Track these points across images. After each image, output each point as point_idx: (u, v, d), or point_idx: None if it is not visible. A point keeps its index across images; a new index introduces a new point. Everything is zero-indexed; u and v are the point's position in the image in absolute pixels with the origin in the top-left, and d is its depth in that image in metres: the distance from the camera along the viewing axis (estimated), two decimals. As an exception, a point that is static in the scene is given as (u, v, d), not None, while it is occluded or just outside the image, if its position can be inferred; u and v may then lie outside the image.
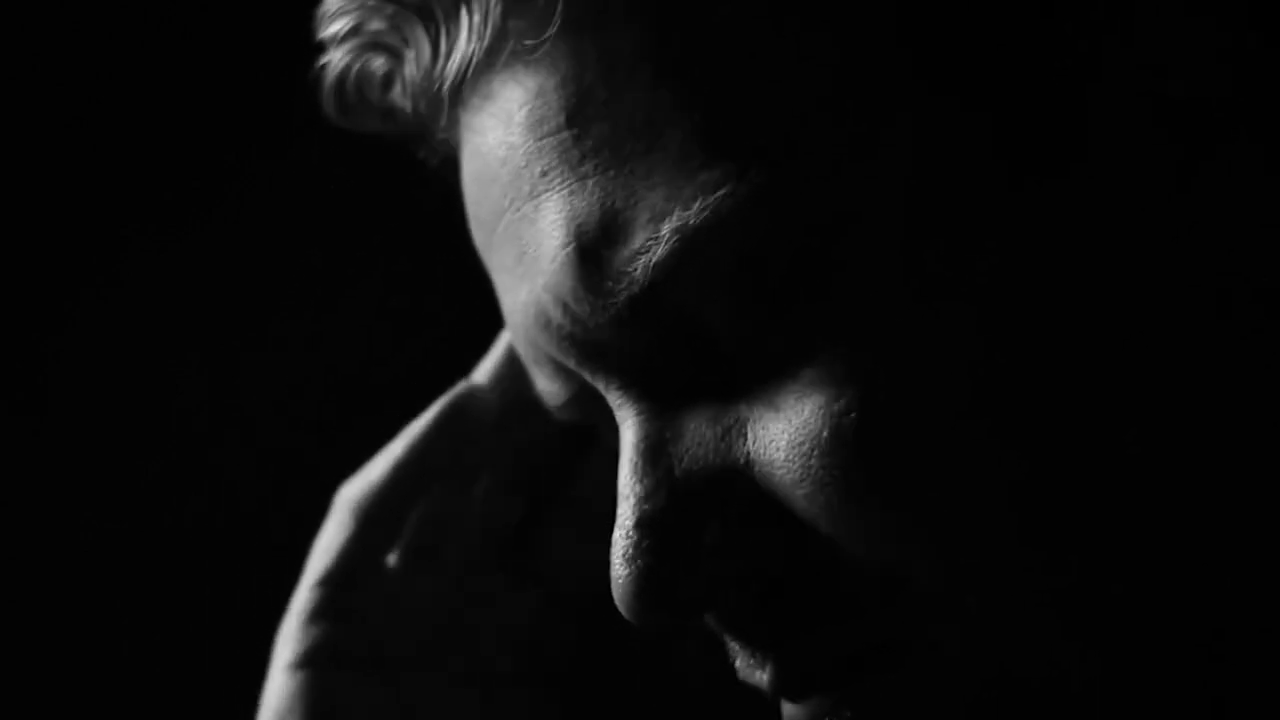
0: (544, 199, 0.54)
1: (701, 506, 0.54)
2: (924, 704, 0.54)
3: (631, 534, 0.54)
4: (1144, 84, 0.52)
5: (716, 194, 0.51)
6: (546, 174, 0.54)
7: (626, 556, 0.54)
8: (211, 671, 0.91)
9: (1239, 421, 0.52)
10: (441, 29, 0.56)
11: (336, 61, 0.59)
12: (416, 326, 0.99)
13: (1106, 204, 0.51)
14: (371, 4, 0.57)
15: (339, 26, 0.59)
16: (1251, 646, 0.54)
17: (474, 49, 0.55)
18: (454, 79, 0.56)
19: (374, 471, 0.69)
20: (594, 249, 0.53)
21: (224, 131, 1.00)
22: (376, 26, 0.58)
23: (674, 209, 0.52)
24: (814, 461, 0.52)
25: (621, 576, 0.54)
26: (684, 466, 0.54)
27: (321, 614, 0.68)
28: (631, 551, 0.54)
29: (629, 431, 0.55)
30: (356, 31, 0.58)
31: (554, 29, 0.53)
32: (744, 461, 0.54)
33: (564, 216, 0.54)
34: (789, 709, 0.56)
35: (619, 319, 0.53)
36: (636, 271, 0.52)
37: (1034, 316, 0.51)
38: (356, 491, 0.69)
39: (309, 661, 0.68)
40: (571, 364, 0.56)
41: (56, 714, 1.02)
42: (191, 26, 0.98)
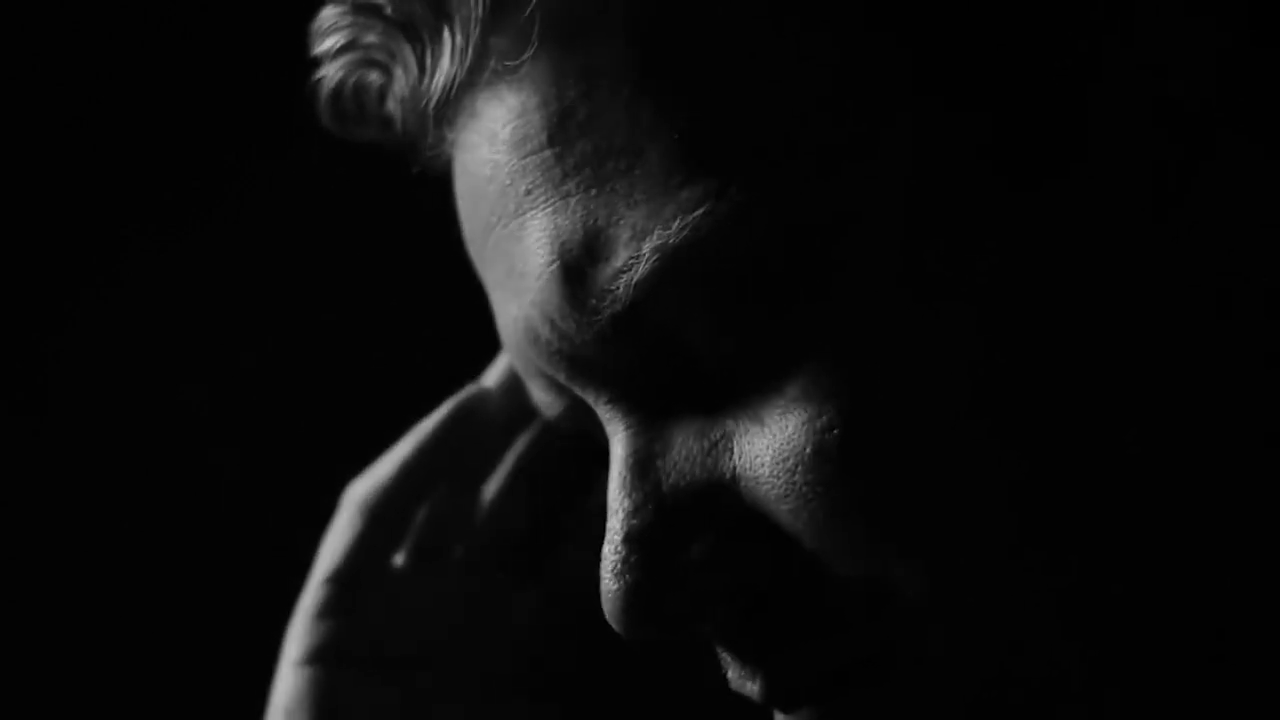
0: (529, 217, 0.54)
1: (689, 521, 0.54)
2: (913, 714, 0.54)
3: (620, 549, 0.54)
4: (1144, 84, 0.52)
5: (696, 212, 0.52)
6: (530, 192, 0.54)
7: (615, 571, 0.54)
8: (217, 669, 0.91)
9: (1239, 421, 0.52)
10: (426, 48, 0.56)
11: (331, 75, 0.60)
12: (421, 326, 0.98)
13: (1106, 204, 0.52)
14: (363, 20, 0.58)
15: (333, 42, 0.59)
16: (1252, 647, 0.54)
17: (457, 68, 0.55)
18: (439, 97, 0.56)
19: (382, 470, 0.69)
20: (578, 267, 0.53)
21: (224, 132, 1.00)
22: (369, 41, 0.58)
23: (654, 227, 0.52)
24: (798, 477, 0.52)
25: (610, 591, 0.54)
26: (671, 481, 0.55)
27: (329, 611, 0.68)
28: (620, 566, 0.54)
29: (618, 446, 0.56)
30: (351, 47, 0.59)
31: (533, 48, 0.53)
32: (730, 476, 0.54)
33: (548, 235, 0.54)
34: (781, 719, 0.56)
35: (603, 336, 0.54)
36: (619, 290, 0.53)
37: (1034, 317, 0.51)
38: (365, 490, 0.69)
39: (317, 659, 0.68)
40: (561, 378, 0.56)
41: (57, 714, 1.02)
42: (192, 26, 0.98)
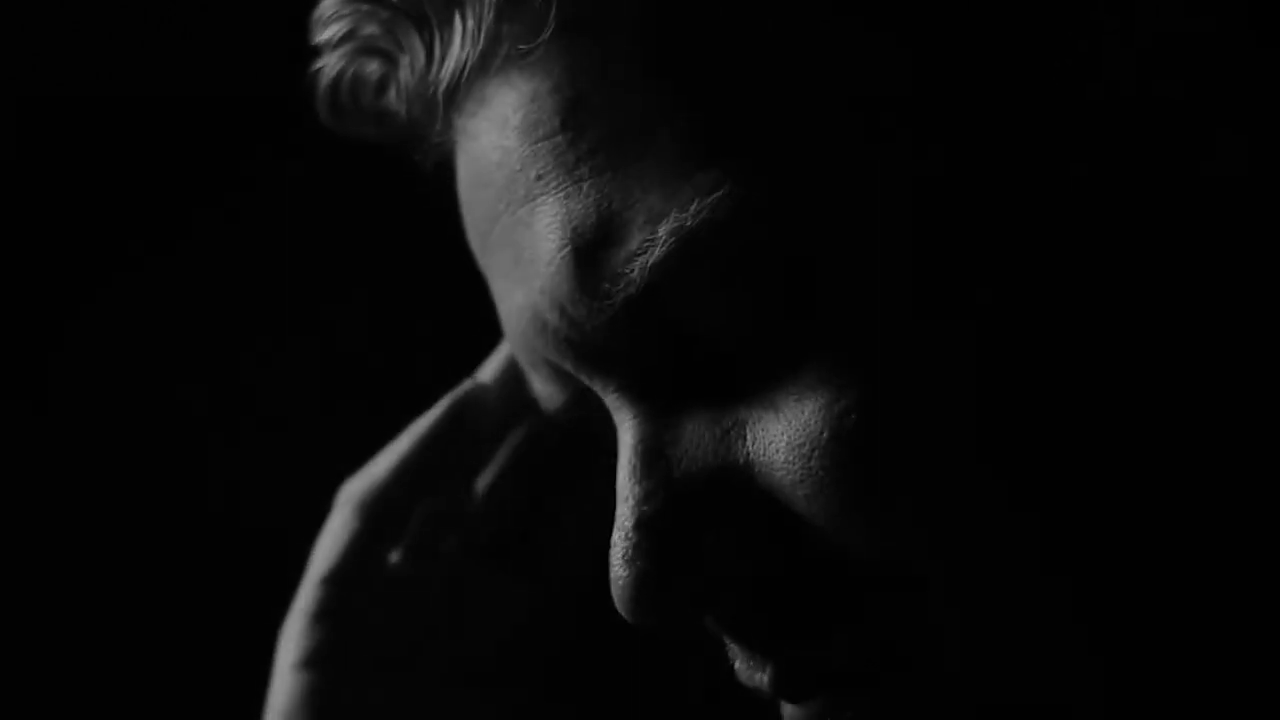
0: (539, 203, 0.54)
1: (700, 508, 0.54)
2: (923, 706, 0.54)
3: (630, 535, 0.54)
4: (1144, 85, 0.52)
5: (714, 195, 0.51)
6: (542, 177, 0.54)
7: (625, 558, 0.54)
8: (214, 670, 0.91)
9: (1240, 426, 0.52)
10: (435, 34, 0.56)
11: (331, 66, 0.59)
12: (419, 324, 0.98)
13: (1107, 205, 0.52)
14: (366, 9, 0.57)
15: (334, 31, 0.59)
16: (1255, 650, 0.54)
17: (468, 54, 0.55)
18: (448, 84, 0.56)
19: (378, 468, 0.69)
20: (590, 252, 0.53)
21: (225, 131, 1.00)
22: (371, 31, 0.58)
23: (671, 210, 0.52)
24: (814, 462, 0.52)
25: (620, 578, 0.54)
26: (683, 468, 0.54)
27: (326, 613, 0.68)
28: (631, 553, 0.54)
29: (627, 434, 0.55)
30: (351, 36, 0.58)
31: (548, 33, 0.53)
32: (743, 462, 0.53)
33: (560, 220, 0.54)
34: (789, 710, 0.56)
35: (616, 321, 0.53)
36: (634, 273, 0.52)
37: (1037, 316, 0.51)
38: (360, 488, 0.69)
39: (314, 661, 0.68)
40: (569, 367, 0.56)
41: (57, 714, 1.02)
42: (192, 27, 0.98)
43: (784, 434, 0.52)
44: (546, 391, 0.59)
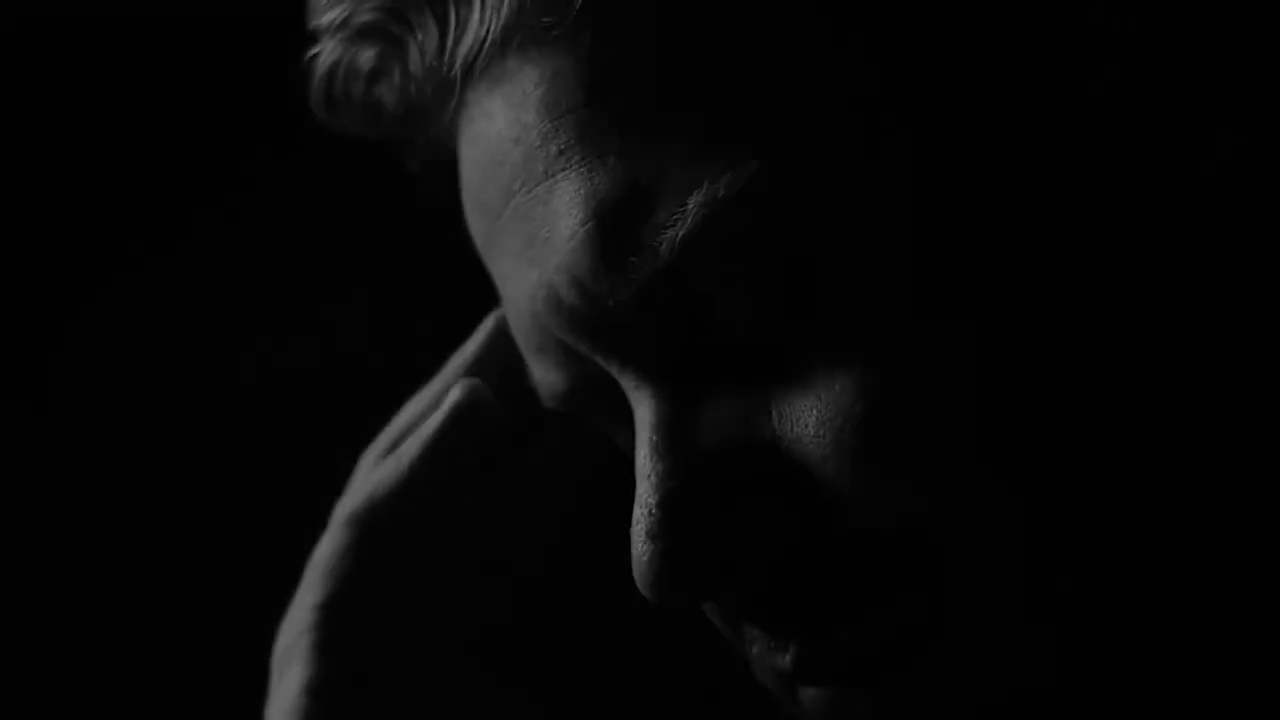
0: (560, 178, 0.54)
1: (723, 485, 0.54)
2: (941, 688, 0.54)
3: (654, 512, 0.53)
4: (1144, 84, 0.52)
5: (744, 166, 0.51)
6: (564, 152, 0.53)
7: (650, 534, 0.53)
8: (214, 670, 0.91)
9: (1237, 421, 0.52)
10: (451, 10, 0.55)
11: (326, 54, 0.58)
12: (419, 324, 0.98)
13: (1107, 201, 0.52)
14: None
15: (330, 17, 0.58)
16: (1254, 647, 0.54)
17: (488, 29, 0.54)
18: (465, 60, 0.55)
19: (378, 485, 0.65)
20: (614, 226, 0.52)
21: (225, 131, 1.00)
22: (371, 16, 0.57)
23: (702, 181, 0.51)
24: (845, 435, 0.51)
25: (644, 555, 0.53)
26: (705, 445, 0.54)
27: (332, 636, 0.64)
28: (656, 529, 0.53)
29: (647, 412, 0.55)
30: (347, 22, 0.57)
31: (576, 9, 0.52)
32: (769, 438, 0.53)
33: (583, 194, 0.53)
34: (809, 694, 0.55)
35: (641, 295, 0.53)
36: (662, 246, 0.52)
37: (1060, 299, 0.52)
38: (359, 505, 0.65)
39: (327, 686, 0.64)
40: (584, 348, 0.55)
41: (57, 714, 1.02)
42: (193, 26, 0.98)
43: (813, 408, 0.52)
44: (550, 379, 0.58)
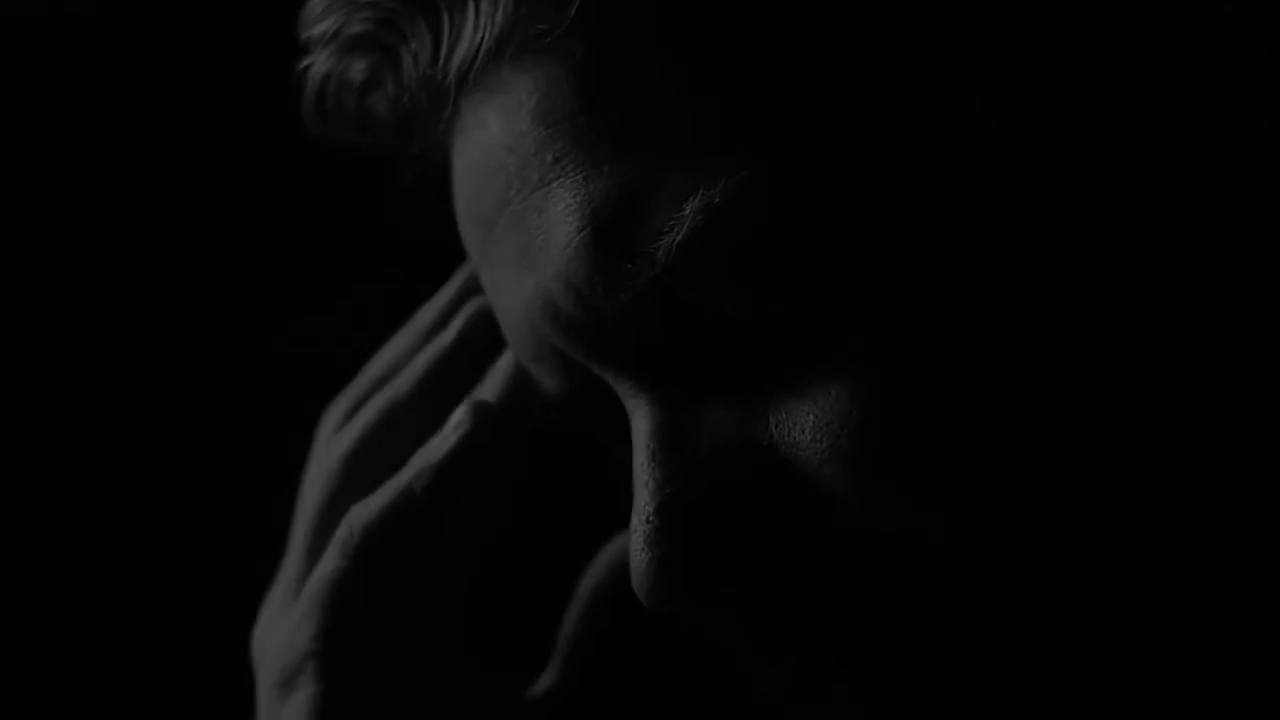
0: (555, 186, 0.54)
1: (722, 492, 0.54)
2: (944, 690, 0.54)
3: (652, 519, 0.53)
4: (1158, 81, 0.52)
5: (741, 173, 0.51)
6: (559, 160, 0.53)
7: (649, 541, 0.53)
8: (214, 670, 0.91)
9: (1239, 427, 0.52)
10: (445, 19, 0.55)
11: (319, 65, 0.59)
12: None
13: (1120, 199, 0.52)
14: (357, 1, 0.57)
15: (324, 27, 0.58)
16: (1255, 648, 0.54)
17: (482, 38, 0.54)
18: (459, 70, 0.55)
19: (383, 510, 0.63)
20: (610, 233, 0.53)
21: (225, 131, 1.00)
22: (364, 26, 0.57)
23: (698, 188, 0.51)
24: (843, 441, 0.52)
25: (644, 563, 0.53)
26: (702, 452, 0.54)
27: (338, 659, 0.62)
28: (655, 536, 0.53)
29: (645, 420, 0.55)
30: (340, 33, 0.57)
31: (570, 16, 0.53)
32: (766, 444, 0.53)
33: (578, 201, 0.53)
34: (808, 696, 0.55)
35: (637, 303, 0.53)
36: (658, 252, 0.52)
37: (1052, 304, 0.52)
38: (368, 519, 0.63)
39: (340, 703, 0.62)
40: (580, 356, 0.55)
41: (57, 714, 1.02)
42: (193, 27, 0.98)
43: (810, 414, 0.52)
44: (547, 387, 0.59)
